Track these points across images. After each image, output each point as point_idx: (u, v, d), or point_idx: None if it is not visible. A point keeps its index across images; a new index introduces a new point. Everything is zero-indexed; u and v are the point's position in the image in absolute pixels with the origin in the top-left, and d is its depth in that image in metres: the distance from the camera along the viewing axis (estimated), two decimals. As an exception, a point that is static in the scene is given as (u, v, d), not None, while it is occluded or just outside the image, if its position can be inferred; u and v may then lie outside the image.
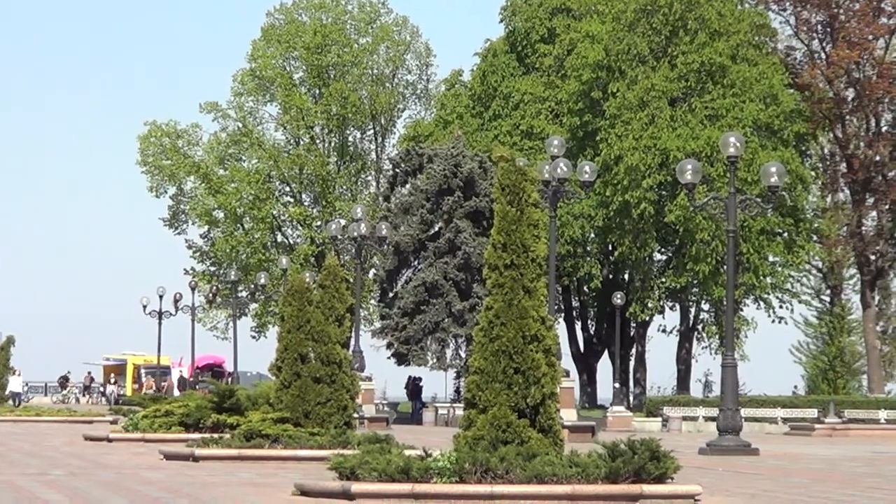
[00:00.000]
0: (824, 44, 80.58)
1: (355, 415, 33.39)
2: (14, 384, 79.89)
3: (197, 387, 69.42)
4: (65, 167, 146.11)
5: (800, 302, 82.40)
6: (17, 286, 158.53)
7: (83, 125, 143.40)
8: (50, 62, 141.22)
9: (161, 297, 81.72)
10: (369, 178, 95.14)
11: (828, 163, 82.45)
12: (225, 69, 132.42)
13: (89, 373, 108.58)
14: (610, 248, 79.64)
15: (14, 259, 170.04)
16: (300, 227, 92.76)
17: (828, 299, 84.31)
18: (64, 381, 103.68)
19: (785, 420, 64.08)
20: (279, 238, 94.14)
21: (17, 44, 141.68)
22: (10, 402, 72.97)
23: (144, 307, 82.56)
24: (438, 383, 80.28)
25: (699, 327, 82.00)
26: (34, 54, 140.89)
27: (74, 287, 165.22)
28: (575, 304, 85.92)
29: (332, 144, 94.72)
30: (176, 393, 74.26)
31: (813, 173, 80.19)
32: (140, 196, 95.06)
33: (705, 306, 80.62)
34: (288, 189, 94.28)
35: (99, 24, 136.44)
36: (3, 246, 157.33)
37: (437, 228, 75.17)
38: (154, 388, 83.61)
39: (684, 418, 63.78)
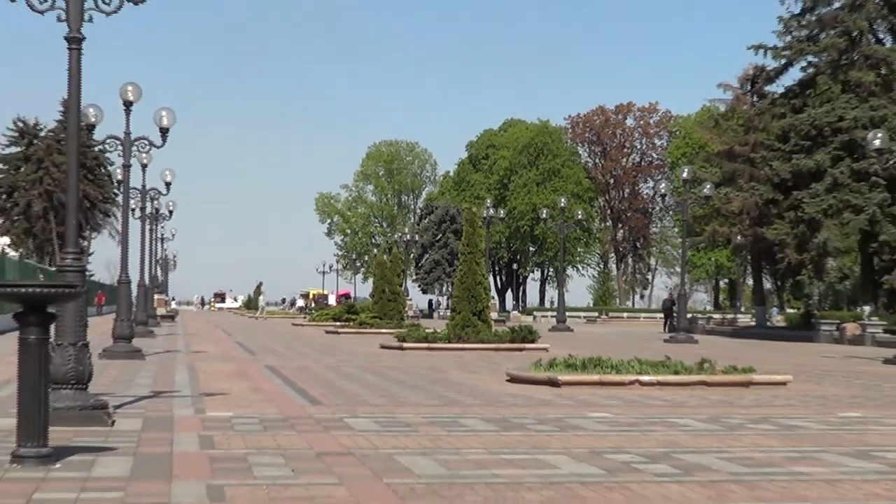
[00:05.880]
0: (600, 159, 79.80)
1: (404, 315, 33.01)
2: (299, 303, 79.05)
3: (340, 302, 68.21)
4: (289, 210, 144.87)
5: (591, 268, 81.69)
6: (265, 260, 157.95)
7: (289, 187, 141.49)
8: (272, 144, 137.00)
9: (323, 264, 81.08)
10: (410, 216, 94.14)
11: (602, 209, 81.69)
12: (350, 167, 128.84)
13: (294, 297, 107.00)
14: (510, 245, 78.97)
15: (267, 248, 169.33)
16: (382, 236, 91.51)
17: (602, 267, 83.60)
18: (283, 301, 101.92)
19: (584, 317, 63.42)
20: (373, 240, 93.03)
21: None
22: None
23: (316, 269, 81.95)
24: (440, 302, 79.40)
25: (548, 279, 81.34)
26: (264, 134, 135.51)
27: (288, 262, 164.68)
28: (496, 269, 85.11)
29: (395, 201, 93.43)
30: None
31: (596, 213, 79.45)
32: (315, 224, 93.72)
33: (551, 270, 79.84)
34: (376, 220, 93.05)
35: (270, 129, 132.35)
36: (264, 241, 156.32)
37: (438, 237, 74.38)
38: (318, 304, 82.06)
39: (543, 316, 62.89)
